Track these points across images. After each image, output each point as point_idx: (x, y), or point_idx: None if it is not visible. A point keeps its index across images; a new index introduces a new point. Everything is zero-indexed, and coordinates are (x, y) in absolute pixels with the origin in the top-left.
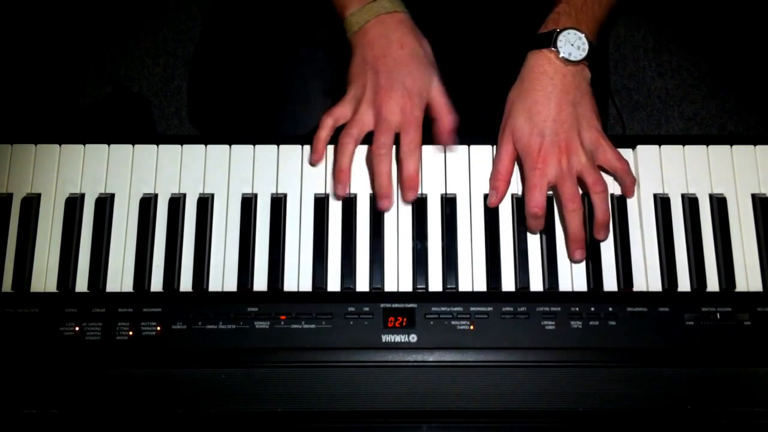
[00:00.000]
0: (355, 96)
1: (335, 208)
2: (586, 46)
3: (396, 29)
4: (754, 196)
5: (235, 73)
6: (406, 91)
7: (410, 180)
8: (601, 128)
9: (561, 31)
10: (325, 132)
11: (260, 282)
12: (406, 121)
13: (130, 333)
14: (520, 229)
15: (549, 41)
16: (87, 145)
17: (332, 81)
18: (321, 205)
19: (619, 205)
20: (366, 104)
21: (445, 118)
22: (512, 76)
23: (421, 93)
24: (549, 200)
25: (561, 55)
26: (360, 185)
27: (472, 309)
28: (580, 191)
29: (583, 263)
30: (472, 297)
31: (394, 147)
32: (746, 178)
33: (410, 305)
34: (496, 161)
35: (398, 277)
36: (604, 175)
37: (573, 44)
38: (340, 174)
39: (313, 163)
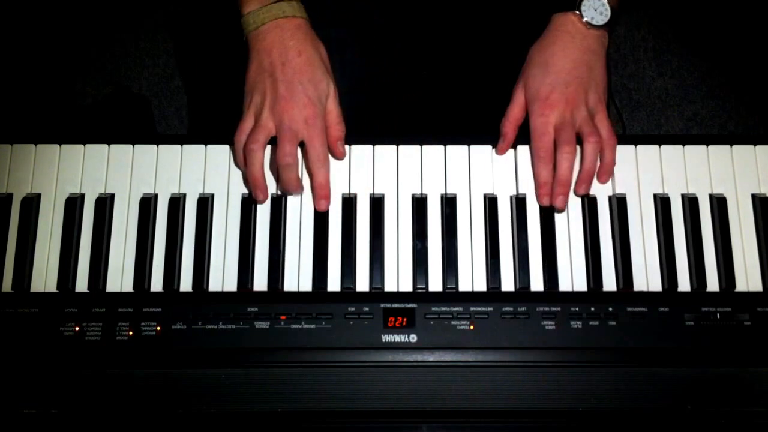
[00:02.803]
0: (255, 105)
1: (335, 208)
2: (609, 12)
3: (293, 35)
4: (754, 196)
5: (235, 73)
6: (308, 100)
7: (321, 189)
8: (605, 98)
9: None
10: (241, 155)
11: (260, 282)
12: (311, 132)
13: (130, 333)
14: (520, 229)
15: (573, 4)
16: (87, 145)
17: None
18: None
19: (619, 205)
20: (267, 112)
21: (335, 127)
22: (512, 76)
23: (321, 99)
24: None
25: (584, 18)
26: (360, 186)
27: (472, 309)
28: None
29: (583, 263)
30: (472, 297)
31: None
32: (746, 178)
33: (410, 305)
34: (508, 108)
35: (398, 277)
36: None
37: (596, 9)
38: (255, 181)
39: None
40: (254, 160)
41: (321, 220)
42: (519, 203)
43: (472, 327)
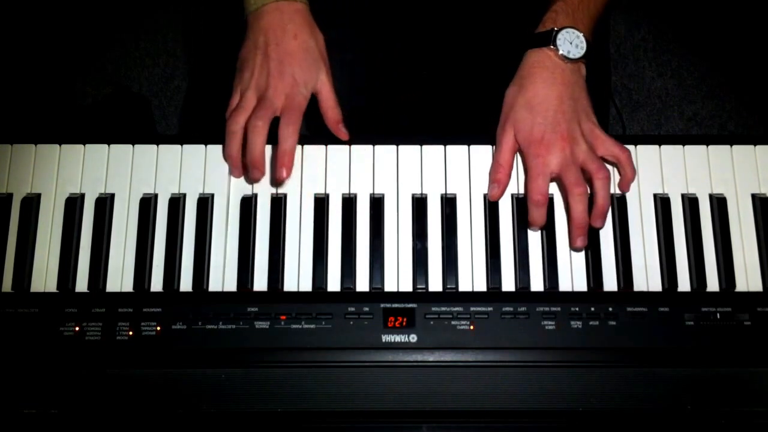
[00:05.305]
0: (243, 81)
1: (335, 208)
2: (584, 45)
3: (291, 19)
4: (754, 196)
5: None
6: (294, 80)
7: (283, 155)
8: (597, 123)
9: (560, 29)
10: (229, 133)
11: (260, 282)
12: (289, 105)
13: (130, 333)
14: (520, 229)
15: (548, 40)
16: (87, 145)
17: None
18: (321, 204)
19: (619, 205)
20: (252, 90)
21: (330, 111)
22: (512, 76)
23: (307, 84)
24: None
25: (560, 52)
26: (360, 186)
27: (472, 309)
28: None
29: (583, 263)
30: (472, 297)
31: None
32: (746, 178)
33: (410, 305)
34: (496, 154)
35: (398, 277)
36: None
37: (572, 43)
38: (228, 159)
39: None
40: (232, 141)
41: (321, 220)
42: (519, 203)
43: (472, 327)
